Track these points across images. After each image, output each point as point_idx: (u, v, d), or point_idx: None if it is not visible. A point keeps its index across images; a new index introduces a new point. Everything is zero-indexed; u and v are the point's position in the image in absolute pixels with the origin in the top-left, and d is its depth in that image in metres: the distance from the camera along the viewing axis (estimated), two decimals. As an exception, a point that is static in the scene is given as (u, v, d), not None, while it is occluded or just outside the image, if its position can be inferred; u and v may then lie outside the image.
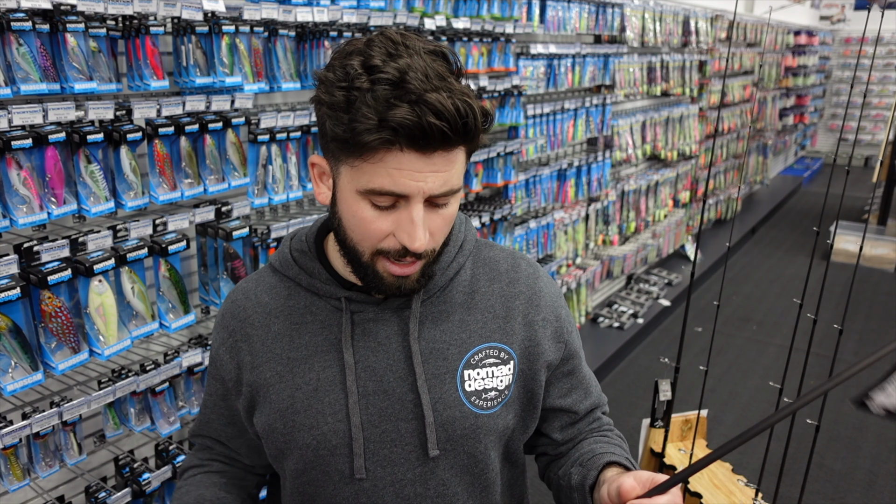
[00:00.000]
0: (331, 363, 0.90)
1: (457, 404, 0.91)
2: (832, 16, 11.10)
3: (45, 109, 1.51)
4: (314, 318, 0.93)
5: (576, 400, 1.03)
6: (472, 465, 0.93)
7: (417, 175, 0.77)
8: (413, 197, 0.79)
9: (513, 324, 0.95)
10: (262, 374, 0.93)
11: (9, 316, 1.47)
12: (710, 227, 6.71)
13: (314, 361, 0.91)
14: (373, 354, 0.90)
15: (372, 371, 0.90)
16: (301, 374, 0.91)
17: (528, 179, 3.47)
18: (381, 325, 0.91)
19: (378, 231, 0.81)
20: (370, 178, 0.78)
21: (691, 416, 2.33)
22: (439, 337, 0.92)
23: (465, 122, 0.76)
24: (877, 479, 3.15)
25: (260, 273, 1.01)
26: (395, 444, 0.90)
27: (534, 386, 0.97)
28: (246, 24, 1.87)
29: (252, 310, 0.96)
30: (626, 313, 4.58)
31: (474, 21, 2.79)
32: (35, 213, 1.52)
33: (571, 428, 1.04)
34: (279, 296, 0.95)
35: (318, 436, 0.89)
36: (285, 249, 0.98)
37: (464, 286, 0.96)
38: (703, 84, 5.80)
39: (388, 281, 0.85)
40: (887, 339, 4.68)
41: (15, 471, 1.60)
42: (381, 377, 0.90)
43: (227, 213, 1.92)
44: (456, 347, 0.92)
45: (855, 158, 11.24)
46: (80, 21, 1.54)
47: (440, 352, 0.91)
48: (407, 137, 0.74)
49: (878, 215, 6.92)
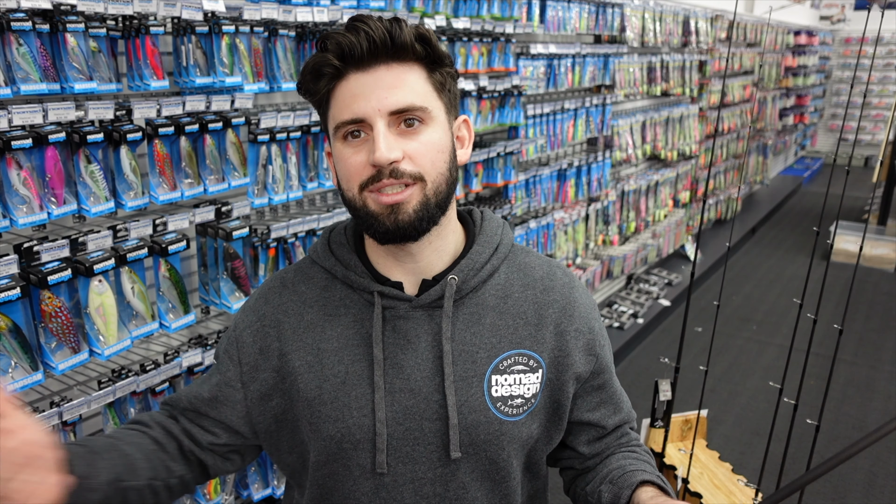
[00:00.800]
0: (360, 357, 0.90)
1: (482, 409, 0.90)
2: (832, 16, 11.10)
3: (45, 109, 1.51)
4: (347, 311, 0.93)
5: (604, 415, 1.01)
6: (494, 471, 0.93)
7: (369, 95, 0.83)
8: (371, 117, 0.83)
9: (544, 332, 0.94)
10: (291, 362, 0.92)
11: (9, 316, 1.47)
12: (710, 227, 6.71)
13: (344, 354, 0.91)
14: (402, 352, 0.90)
15: (400, 368, 0.90)
16: (330, 365, 0.91)
17: (528, 179, 3.47)
18: (411, 323, 0.91)
19: (356, 164, 0.85)
20: (336, 115, 0.86)
21: (691, 416, 2.33)
22: (469, 339, 0.91)
23: (389, 33, 0.82)
24: (876, 479, 3.15)
25: (300, 263, 1.01)
26: (418, 443, 0.90)
27: (561, 397, 0.96)
28: (246, 24, 1.87)
29: (288, 297, 0.96)
30: (626, 313, 4.58)
31: (474, 21, 2.79)
32: (35, 213, 1.52)
33: (598, 443, 1.03)
34: (316, 286, 0.96)
35: (342, 428, 0.89)
36: (324, 240, 0.98)
37: (497, 290, 0.95)
38: (703, 84, 5.80)
39: (382, 215, 0.85)
40: (888, 339, 4.69)
41: (15, 471, 1.60)
42: (408, 375, 0.90)
43: (227, 213, 1.92)
44: (485, 351, 0.91)
45: (855, 158, 11.24)
46: (80, 21, 1.54)
47: (469, 354, 0.91)
48: (339, 57, 0.83)
49: (878, 215, 6.92)
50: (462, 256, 0.94)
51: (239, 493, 2.13)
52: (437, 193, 0.86)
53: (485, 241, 0.95)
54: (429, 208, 0.86)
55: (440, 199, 0.87)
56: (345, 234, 0.97)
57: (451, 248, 0.94)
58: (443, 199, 0.88)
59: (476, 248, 0.94)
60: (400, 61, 0.84)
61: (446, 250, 0.93)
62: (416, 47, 0.84)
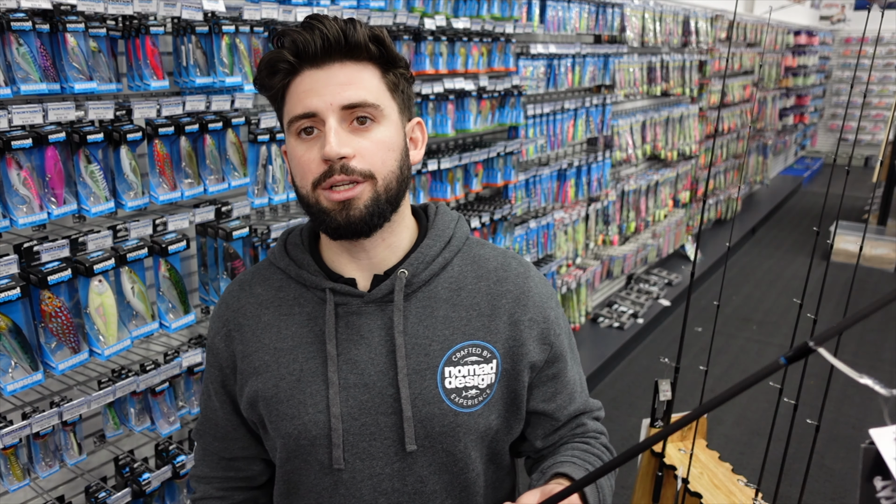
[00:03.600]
0: (314, 354, 0.91)
1: (436, 401, 0.90)
2: (832, 16, 11.10)
3: (45, 109, 1.51)
4: (301, 310, 0.94)
5: (559, 405, 1.00)
6: (451, 463, 0.93)
7: (322, 90, 0.84)
8: (323, 112, 0.84)
9: (497, 322, 0.95)
10: (252, 363, 0.95)
11: (9, 316, 1.47)
12: (710, 227, 6.71)
13: (298, 352, 0.92)
14: (355, 347, 0.91)
15: (354, 364, 0.90)
16: (286, 364, 0.93)
17: (528, 179, 3.47)
18: (364, 318, 0.91)
19: (309, 161, 0.86)
20: (289, 110, 0.87)
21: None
22: (422, 332, 0.92)
23: (344, 32, 0.85)
24: (877, 479, 3.15)
25: (258, 266, 1.03)
26: (374, 438, 0.90)
27: (517, 387, 0.96)
28: (246, 24, 1.87)
29: (245, 300, 0.98)
30: (626, 313, 4.58)
31: (474, 21, 2.79)
32: (35, 213, 1.52)
33: (553, 435, 1.02)
34: (271, 287, 0.97)
35: (299, 426, 0.91)
36: (281, 242, 1.00)
37: (450, 282, 0.95)
38: (703, 84, 5.80)
39: (334, 211, 0.86)
40: (887, 339, 4.68)
41: (15, 471, 1.60)
42: (362, 370, 0.90)
43: (227, 213, 1.92)
44: (438, 344, 0.92)
45: (855, 158, 11.24)
46: (80, 21, 1.54)
47: (422, 347, 0.91)
48: (294, 53, 0.85)
49: (878, 215, 6.92)
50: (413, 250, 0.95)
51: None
52: (388, 190, 0.88)
53: (436, 235, 0.96)
54: (379, 205, 0.87)
55: (391, 196, 0.88)
56: (300, 235, 0.99)
57: (403, 243, 0.95)
58: (393, 196, 0.89)
59: (427, 241, 0.95)
60: (354, 60, 0.87)
61: (399, 245, 0.94)
62: (370, 47, 0.87)
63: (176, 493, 1.93)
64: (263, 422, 0.96)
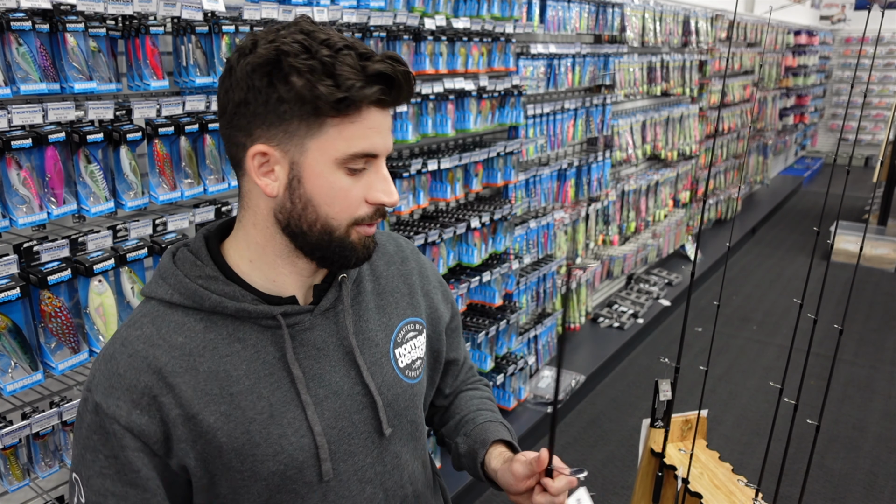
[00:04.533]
0: (279, 383, 0.87)
1: (396, 382, 0.97)
2: (832, 16, 11.10)
3: (44, 109, 1.51)
4: (243, 346, 0.87)
5: (461, 352, 1.16)
6: (413, 430, 1.02)
7: (383, 132, 0.84)
8: (381, 156, 0.85)
9: (416, 297, 1.04)
10: (204, 421, 0.83)
11: (8, 316, 1.47)
12: (710, 227, 6.71)
13: (261, 388, 0.86)
14: (315, 361, 0.90)
15: (319, 378, 0.90)
16: (250, 405, 0.85)
17: (528, 179, 3.47)
18: (316, 332, 0.91)
19: (356, 199, 0.84)
20: (347, 143, 0.81)
21: (691, 416, 2.33)
22: (366, 327, 0.96)
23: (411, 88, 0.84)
24: (877, 479, 3.15)
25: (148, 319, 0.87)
26: (353, 437, 0.92)
27: (439, 346, 1.09)
28: (246, 23, 1.87)
29: (165, 357, 0.83)
30: (627, 313, 4.58)
31: (474, 21, 2.79)
32: (35, 213, 1.51)
33: (456, 380, 1.17)
34: (193, 331, 0.85)
35: (284, 460, 0.87)
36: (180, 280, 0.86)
37: (369, 275, 1.00)
38: (704, 84, 5.79)
39: (360, 247, 0.87)
40: (888, 339, 4.69)
41: (14, 471, 1.60)
42: (328, 381, 0.91)
43: (227, 213, 1.92)
44: (382, 332, 0.98)
45: (855, 158, 11.24)
46: (79, 21, 1.54)
47: (371, 340, 0.96)
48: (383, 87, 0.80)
49: (878, 215, 6.92)
50: None
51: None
52: None
53: None
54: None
55: None
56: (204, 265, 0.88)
57: None
58: None
59: None
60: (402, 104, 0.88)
61: None
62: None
63: (176, 493, 1.93)
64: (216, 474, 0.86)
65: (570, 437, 3.45)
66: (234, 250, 0.90)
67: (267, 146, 0.82)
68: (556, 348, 3.91)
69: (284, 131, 0.81)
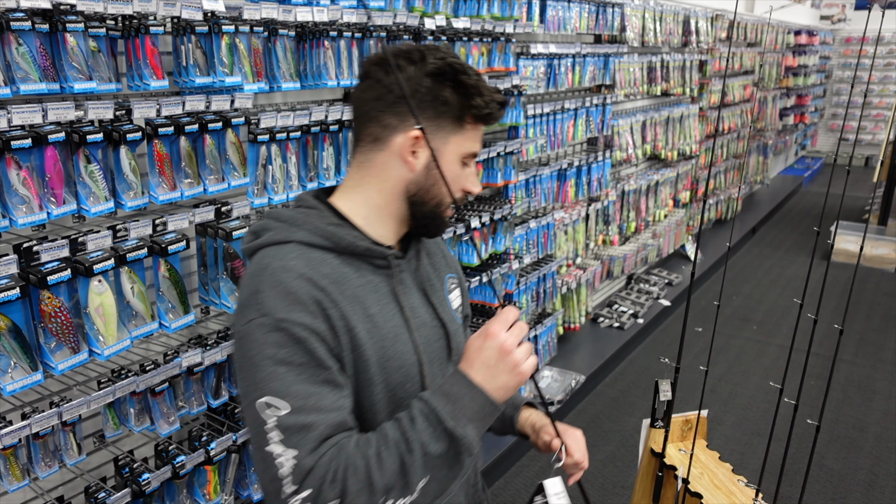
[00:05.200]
0: (393, 312, 1.08)
1: (452, 319, 1.21)
2: (833, 15, 11.10)
3: (44, 109, 1.51)
4: (366, 280, 1.07)
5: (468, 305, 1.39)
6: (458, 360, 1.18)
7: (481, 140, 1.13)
8: (477, 156, 1.13)
9: (448, 258, 1.30)
10: (358, 334, 1.01)
11: (8, 316, 1.47)
12: (710, 227, 6.71)
13: (385, 314, 1.07)
14: (409, 298, 1.13)
15: (413, 310, 1.12)
16: (383, 325, 1.06)
17: (528, 179, 3.47)
18: (405, 275, 1.14)
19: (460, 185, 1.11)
20: (471, 144, 1.10)
21: (691, 416, 2.33)
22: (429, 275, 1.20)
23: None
24: (877, 479, 3.15)
25: (295, 254, 1.02)
26: (434, 361, 1.13)
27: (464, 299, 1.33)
28: (246, 23, 1.87)
29: (323, 281, 1.00)
30: (627, 313, 4.58)
31: (474, 21, 2.79)
32: (34, 212, 1.51)
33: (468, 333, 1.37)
34: (332, 265, 1.03)
35: (405, 372, 1.07)
36: (316, 225, 1.05)
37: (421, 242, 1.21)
38: (704, 84, 5.79)
39: (446, 221, 1.14)
40: (888, 339, 4.68)
41: (14, 471, 1.60)
42: (418, 313, 1.13)
43: (227, 213, 1.92)
44: (438, 282, 1.22)
45: (855, 158, 11.24)
46: (79, 21, 1.54)
47: (434, 286, 1.19)
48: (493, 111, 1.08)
49: (878, 215, 6.92)
50: None
51: (238, 494, 2.12)
52: None
53: None
54: None
55: None
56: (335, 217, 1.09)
57: None
58: None
59: None
60: None
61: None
62: None
63: (175, 493, 1.92)
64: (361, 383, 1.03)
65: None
66: (348, 208, 1.10)
67: (420, 133, 1.04)
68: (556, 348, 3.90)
69: (437, 125, 1.06)
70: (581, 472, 1.24)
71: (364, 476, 0.91)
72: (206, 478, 1.98)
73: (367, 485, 0.90)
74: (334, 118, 2.18)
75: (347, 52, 2.21)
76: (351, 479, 0.90)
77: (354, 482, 0.90)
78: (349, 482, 0.90)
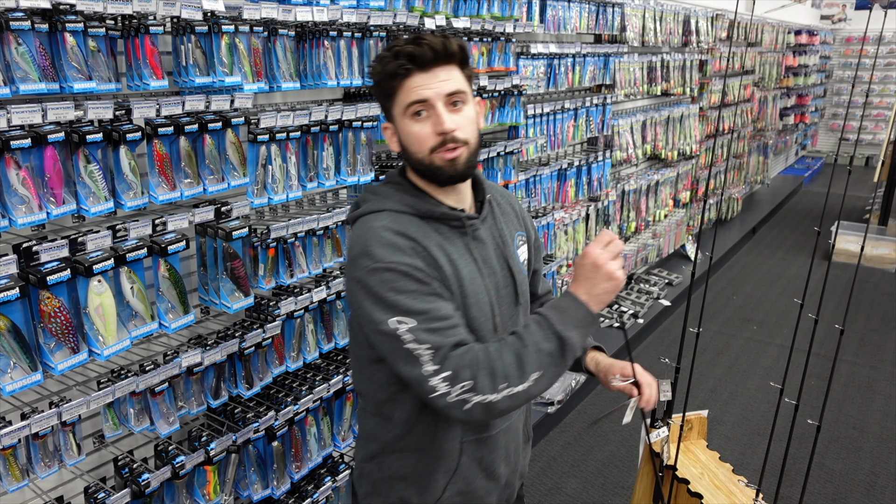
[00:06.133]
0: (469, 261, 1.29)
1: (521, 271, 1.41)
2: (833, 15, 11.09)
3: (44, 109, 1.51)
4: (445, 237, 1.28)
5: (541, 264, 1.63)
6: (526, 305, 1.43)
7: (431, 85, 1.20)
8: (431, 99, 1.20)
9: (521, 219, 1.49)
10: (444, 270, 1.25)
11: (8, 316, 1.47)
12: (710, 227, 6.70)
13: (462, 262, 1.28)
14: (483, 251, 1.33)
15: (486, 261, 1.33)
16: (462, 268, 1.27)
17: (528, 179, 3.46)
18: (480, 231, 1.34)
19: (424, 135, 1.22)
20: (404, 98, 1.21)
21: (691, 416, 2.32)
22: (503, 232, 1.39)
23: (444, 44, 1.20)
24: (877, 479, 3.15)
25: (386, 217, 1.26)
26: (503, 304, 1.35)
27: (531, 256, 1.52)
28: (245, 23, 1.87)
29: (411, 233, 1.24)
30: (627, 313, 4.58)
31: (474, 21, 2.79)
32: (34, 212, 1.51)
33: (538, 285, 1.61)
34: (418, 225, 1.27)
35: (480, 307, 1.29)
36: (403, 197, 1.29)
37: (493, 204, 1.41)
38: (704, 84, 5.79)
39: (445, 167, 1.23)
40: (888, 339, 4.68)
41: (14, 471, 1.60)
42: (490, 263, 1.33)
43: (227, 213, 1.92)
44: (509, 237, 1.41)
45: (856, 158, 11.23)
46: (79, 21, 1.54)
47: (505, 241, 1.39)
48: (409, 59, 1.19)
49: (879, 215, 6.91)
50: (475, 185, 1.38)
51: (238, 494, 2.12)
52: (475, 150, 1.27)
53: (480, 175, 1.41)
54: (471, 159, 1.27)
55: (476, 153, 1.29)
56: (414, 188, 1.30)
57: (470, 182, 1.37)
58: (477, 153, 1.29)
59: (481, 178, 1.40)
60: (448, 63, 1.22)
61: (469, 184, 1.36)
62: (458, 54, 1.23)
63: (175, 493, 1.92)
64: None
65: (571, 437, 3.44)
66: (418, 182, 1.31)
67: (387, 122, 1.30)
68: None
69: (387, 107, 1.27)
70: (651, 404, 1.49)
71: (488, 365, 1.16)
72: (206, 478, 1.98)
73: (490, 371, 1.15)
74: (334, 118, 2.17)
75: (347, 51, 2.21)
76: (480, 367, 1.15)
77: (483, 369, 1.15)
78: (479, 368, 1.15)
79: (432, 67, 1.20)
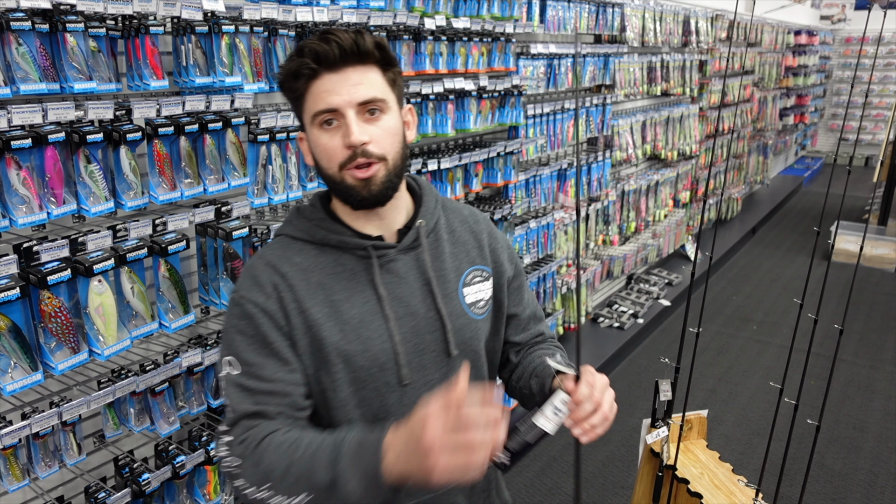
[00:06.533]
0: (368, 299, 1.12)
1: (463, 314, 1.18)
2: (833, 15, 11.09)
3: (44, 109, 1.51)
4: (344, 269, 1.12)
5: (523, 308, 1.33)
6: (475, 360, 1.21)
7: (340, 90, 1.04)
8: (342, 108, 1.04)
9: (484, 251, 1.25)
10: (312, 316, 1.09)
11: (8, 316, 1.47)
12: (710, 227, 6.71)
13: (354, 300, 1.11)
14: (397, 287, 1.14)
15: (399, 300, 1.13)
16: (346, 311, 1.10)
17: (528, 179, 3.47)
18: (399, 264, 1.14)
19: (333, 148, 1.06)
20: (312, 105, 1.05)
21: (691, 416, 2.33)
22: (440, 266, 1.18)
23: (356, 43, 1.03)
24: (877, 479, 3.15)
25: (278, 245, 1.16)
26: (425, 353, 1.14)
27: (501, 296, 1.27)
28: (246, 23, 1.87)
29: (288, 268, 1.11)
30: (627, 313, 4.58)
31: (474, 21, 2.79)
32: (35, 212, 1.51)
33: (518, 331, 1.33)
34: (309, 255, 1.13)
35: (370, 357, 1.10)
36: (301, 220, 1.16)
37: (444, 228, 1.22)
38: (704, 84, 5.79)
39: (358, 187, 1.07)
40: (888, 339, 4.68)
41: (14, 471, 1.60)
42: (407, 303, 1.13)
43: (227, 213, 1.92)
44: (453, 272, 1.19)
45: (855, 158, 11.24)
46: (79, 21, 1.54)
47: (444, 277, 1.18)
48: (314, 58, 1.03)
49: (878, 215, 6.91)
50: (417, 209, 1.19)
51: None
52: (396, 167, 1.09)
53: (429, 196, 1.22)
54: (391, 179, 1.09)
55: (398, 172, 1.10)
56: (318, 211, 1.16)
57: (405, 205, 1.19)
58: (399, 171, 1.11)
59: (426, 199, 1.21)
60: (363, 64, 1.06)
61: (403, 207, 1.18)
62: (375, 53, 1.06)
63: (175, 493, 1.92)
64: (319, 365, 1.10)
65: (571, 437, 3.44)
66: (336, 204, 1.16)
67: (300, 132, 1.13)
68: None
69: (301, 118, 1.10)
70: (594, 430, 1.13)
71: (259, 455, 1.01)
72: (206, 478, 1.98)
73: (255, 462, 1.00)
74: (334, 118, 2.18)
75: (347, 52, 2.21)
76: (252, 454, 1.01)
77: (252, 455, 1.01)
78: (248, 452, 1.01)
79: (342, 68, 1.04)
